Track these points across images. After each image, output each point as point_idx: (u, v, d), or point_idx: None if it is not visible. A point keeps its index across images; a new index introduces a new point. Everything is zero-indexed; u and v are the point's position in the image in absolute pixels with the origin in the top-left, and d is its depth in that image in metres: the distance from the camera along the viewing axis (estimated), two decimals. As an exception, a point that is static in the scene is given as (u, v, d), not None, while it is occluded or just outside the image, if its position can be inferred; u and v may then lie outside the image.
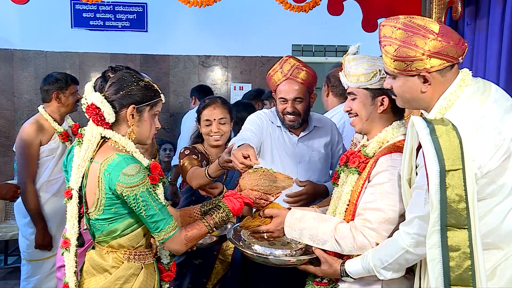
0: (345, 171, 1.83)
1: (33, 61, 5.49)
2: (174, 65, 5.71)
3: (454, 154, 1.40)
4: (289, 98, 2.34)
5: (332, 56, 5.75)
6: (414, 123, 1.50)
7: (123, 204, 1.65)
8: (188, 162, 2.45)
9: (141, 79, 1.73)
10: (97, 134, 1.68)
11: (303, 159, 2.44)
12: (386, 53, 1.53)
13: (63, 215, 3.01)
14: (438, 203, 1.39)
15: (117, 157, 1.60)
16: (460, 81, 1.54)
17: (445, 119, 1.49)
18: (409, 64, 1.50)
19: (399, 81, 1.57)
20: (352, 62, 1.78)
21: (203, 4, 3.09)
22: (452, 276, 1.40)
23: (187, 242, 1.71)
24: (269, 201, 1.86)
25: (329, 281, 1.76)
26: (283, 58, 2.41)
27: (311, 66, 2.42)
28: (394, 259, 1.56)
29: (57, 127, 3.13)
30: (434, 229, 1.41)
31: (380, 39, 1.56)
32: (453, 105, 1.52)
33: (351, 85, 1.78)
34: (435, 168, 1.40)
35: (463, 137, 1.42)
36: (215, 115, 2.52)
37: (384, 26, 1.56)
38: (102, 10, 5.55)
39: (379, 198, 1.64)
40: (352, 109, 1.80)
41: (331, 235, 1.68)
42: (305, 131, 2.46)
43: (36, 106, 3.25)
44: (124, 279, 1.68)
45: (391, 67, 1.55)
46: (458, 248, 1.40)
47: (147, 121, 1.74)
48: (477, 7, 2.72)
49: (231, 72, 5.81)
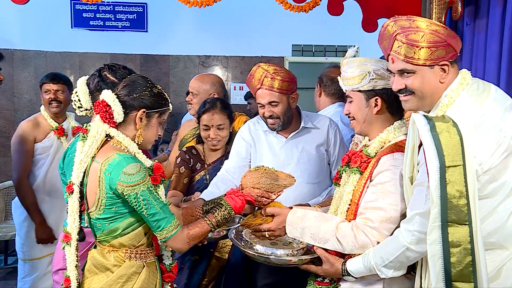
0: (347, 171, 1.84)
1: (33, 61, 5.49)
2: (174, 65, 5.71)
3: (454, 151, 1.41)
4: (264, 103, 2.34)
5: (332, 56, 5.75)
6: (415, 120, 1.51)
7: (123, 204, 1.66)
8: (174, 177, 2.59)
9: (155, 86, 1.77)
10: (103, 131, 1.70)
11: (292, 161, 2.41)
12: (412, 41, 1.51)
13: (59, 215, 3.06)
14: (439, 199, 1.40)
15: (117, 157, 1.62)
16: (461, 79, 1.56)
17: (446, 116, 1.50)
18: (434, 52, 1.51)
19: (418, 76, 1.56)
20: (345, 66, 1.79)
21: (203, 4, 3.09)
22: (453, 272, 1.41)
23: (189, 241, 1.72)
24: (270, 199, 1.86)
25: (331, 281, 1.76)
26: (255, 66, 2.37)
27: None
28: (395, 257, 1.56)
29: (53, 124, 3.16)
30: (435, 224, 1.41)
31: (399, 29, 1.54)
32: (454, 102, 1.53)
33: (346, 88, 1.80)
34: (435, 164, 1.41)
35: (464, 134, 1.43)
36: (214, 122, 2.56)
37: (396, 20, 1.58)
38: (102, 10, 5.55)
39: (381, 197, 1.65)
40: (350, 112, 1.82)
41: (332, 234, 1.69)
42: (293, 131, 2.45)
43: (36, 106, 3.27)
44: (126, 277, 1.69)
45: (414, 58, 1.53)
46: (459, 244, 1.40)
47: (154, 127, 1.77)
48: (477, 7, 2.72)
49: (231, 72, 5.82)
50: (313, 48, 5.84)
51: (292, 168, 2.38)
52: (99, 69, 2.10)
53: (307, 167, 2.41)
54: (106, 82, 2.00)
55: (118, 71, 2.07)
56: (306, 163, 2.42)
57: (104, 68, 2.09)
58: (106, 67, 2.09)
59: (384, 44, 1.63)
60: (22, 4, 3.11)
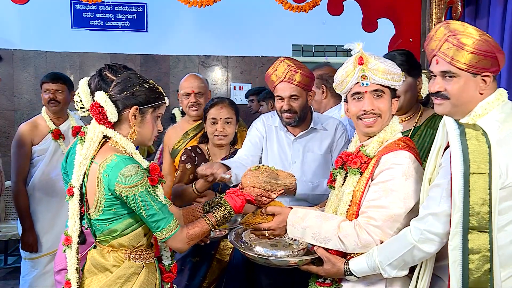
0: (341, 173, 1.83)
1: (33, 61, 5.49)
2: (174, 65, 5.71)
3: (481, 158, 1.42)
4: (285, 96, 2.37)
5: (332, 56, 5.75)
6: (446, 123, 1.52)
7: (122, 205, 1.65)
8: (179, 171, 2.56)
9: (146, 81, 1.75)
10: (99, 132, 1.70)
11: (297, 159, 2.44)
12: (463, 45, 1.52)
13: (54, 215, 3.07)
14: (461, 203, 1.41)
15: (115, 158, 1.62)
16: (498, 95, 1.57)
17: (476, 125, 1.51)
18: (481, 60, 1.52)
19: (460, 81, 1.56)
20: (380, 59, 1.74)
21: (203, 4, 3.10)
22: (471, 279, 1.41)
23: (189, 240, 1.71)
24: (271, 198, 1.86)
25: (332, 281, 1.75)
26: (278, 60, 2.42)
27: (311, 66, 2.44)
28: (400, 255, 1.56)
29: (51, 126, 3.16)
30: (457, 230, 1.42)
31: (452, 32, 1.55)
32: (487, 114, 1.54)
33: (384, 82, 1.72)
34: (460, 169, 1.42)
35: (493, 143, 1.44)
36: (222, 114, 2.56)
37: (449, 23, 1.59)
38: (102, 10, 5.55)
39: (383, 195, 1.64)
40: (379, 108, 1.73)
41: (334, 233, 1.68)
42: (303, 131, 2.47)
43: (36, 106, 3.27)
44: (125, 278, 1.69)
45: (461, 61, 1.53)
46: (479, 251, 1.41)
47: (149, 122, 1.75)
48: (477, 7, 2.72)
49: (231, 72, 5.81)
50: (313, 48, 5.84)
51: (297, 167, 2.41)
52: (100, 69, 2.09)
53: (311, 167, 2.43)
54: (106, 81, 2.00)
55: (118, 71, 2.06)
56: (311, 163, 2.44)
57: (104, 68, 2.08)
58: (106, 67, 2.09)
59: (432, 45, 1.63)
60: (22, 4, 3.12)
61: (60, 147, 3.15)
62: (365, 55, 1.73)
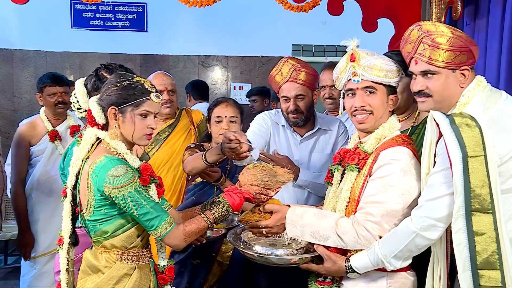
0: (339, 169, 1.83)
1: (33, 61, 5.49)
2: (174, 65, 5.71)
3: (474, 142, 1.46)
4: (290, 96, 2.36)
5: (332, 56, 5.75)
6: (434, 116, 1.56)
7: (112, 205, 1.66)
8: (188, 153, 2.43)
9: (125, 80, 1.71)
10: (93, 134, 1.74)
11: (304, 160, 2.44)
12: (438, 44, 1.58)
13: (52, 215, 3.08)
14: (462, 188, 1.44)
15: (103, 159, 1.63)
16: (477, 82, 1.63)
17: (463, 113, 1.57)
18: (458, 56, 1.58)
19: (441, 78, 1.62)
20: (373, 56, 1.74)
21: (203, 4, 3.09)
22: (479, 260, 1.44)
23: (186, 237, 1.71)
24: (269, 196, 1.85)
25: (333, 280, 1.74)
26: (282, 60, 2.42)
27: (311, 66, 2.43)
28: (404, 246, 1.57)
29: (48, 127, 3.16)
30: (459, 213, 1.45)
31: (425, 33, 1.61)
32: (470, 101, 1.60)
33: (375, 79, 1.71)
34: (458, 154, 1.46)
35: (483, 125, 1.49)
36: (227, 113, 2.52)
37: (421, 25, 1.65)
38: (102, 10, 5.55)
39: (382, 191, 1.65)
40: (370, 105, 1.73)
41: (332, 230, 1.68)
42: (309, 131, 2.47)
43: (36, 106, 3.27)
44: (117, 279, 1.68)
45: (438, 60, 1.59)
46: (483, 233, 1.44)
47: (129, 121, 1.71)
48: (476, 7, 2.71)
49: (231, 72, 5.82)
50: (313, 48, 5.85)
51: (304, 168, 2.41)
52: (96, 68, 2.11)
53: (317, 167, 2.44)
54: (103, 81, 2.00)
55: (115, 70, 2.06)
56: (317, 163, 2.44)
57: (101, 68, 2.10)
58: (102, 67, 2.10)
59: (408, 47, 1.69)
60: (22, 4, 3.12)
61: (57, 148, 3.15)
62: (357, 52, 1.74)
